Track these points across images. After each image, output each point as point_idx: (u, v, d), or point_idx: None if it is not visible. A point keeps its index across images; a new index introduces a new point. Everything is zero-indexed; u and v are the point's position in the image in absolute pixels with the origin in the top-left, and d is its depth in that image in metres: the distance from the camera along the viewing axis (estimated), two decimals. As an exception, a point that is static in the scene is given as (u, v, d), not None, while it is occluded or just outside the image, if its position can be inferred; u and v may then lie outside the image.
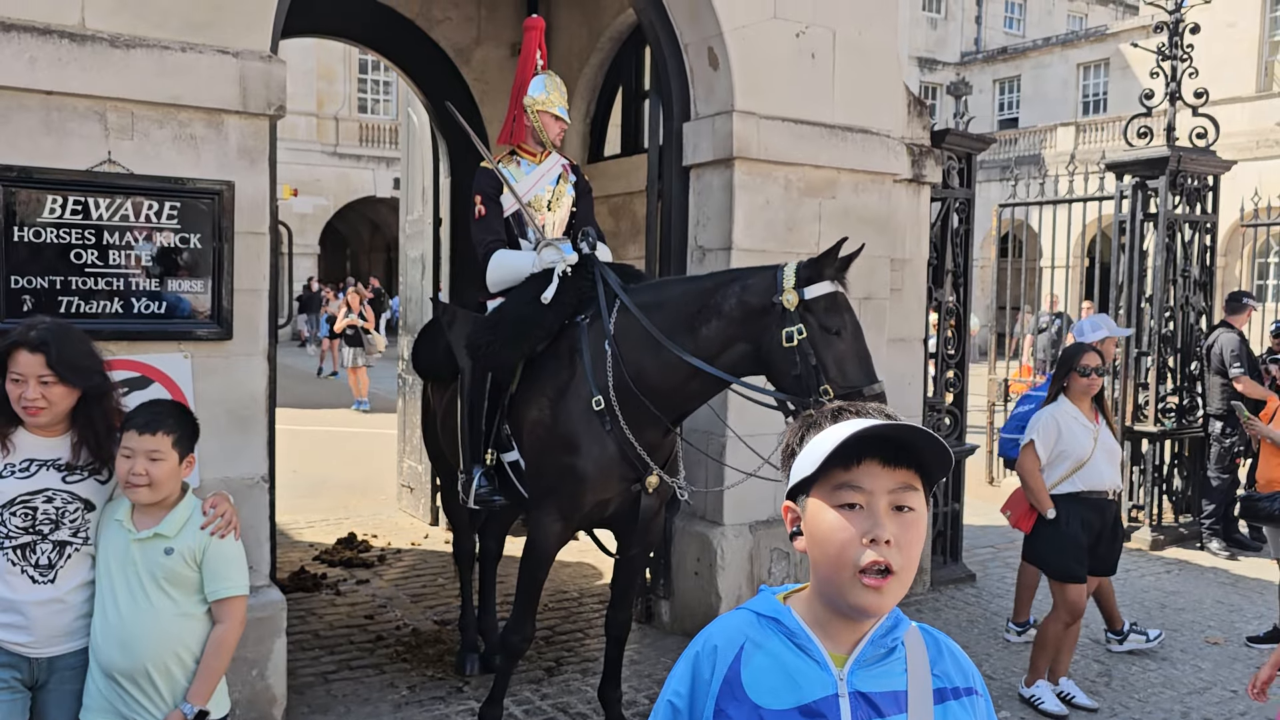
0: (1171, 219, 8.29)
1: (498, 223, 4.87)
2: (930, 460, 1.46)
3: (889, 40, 6.21)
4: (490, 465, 4.67)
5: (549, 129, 4.93)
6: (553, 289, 4.40)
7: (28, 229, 3.84)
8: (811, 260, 3.95)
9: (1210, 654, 5.86)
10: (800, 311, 3.87)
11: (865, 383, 3.89)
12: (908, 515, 1.43)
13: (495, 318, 4.64)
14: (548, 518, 4.37)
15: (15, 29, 3.77)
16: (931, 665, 1.51)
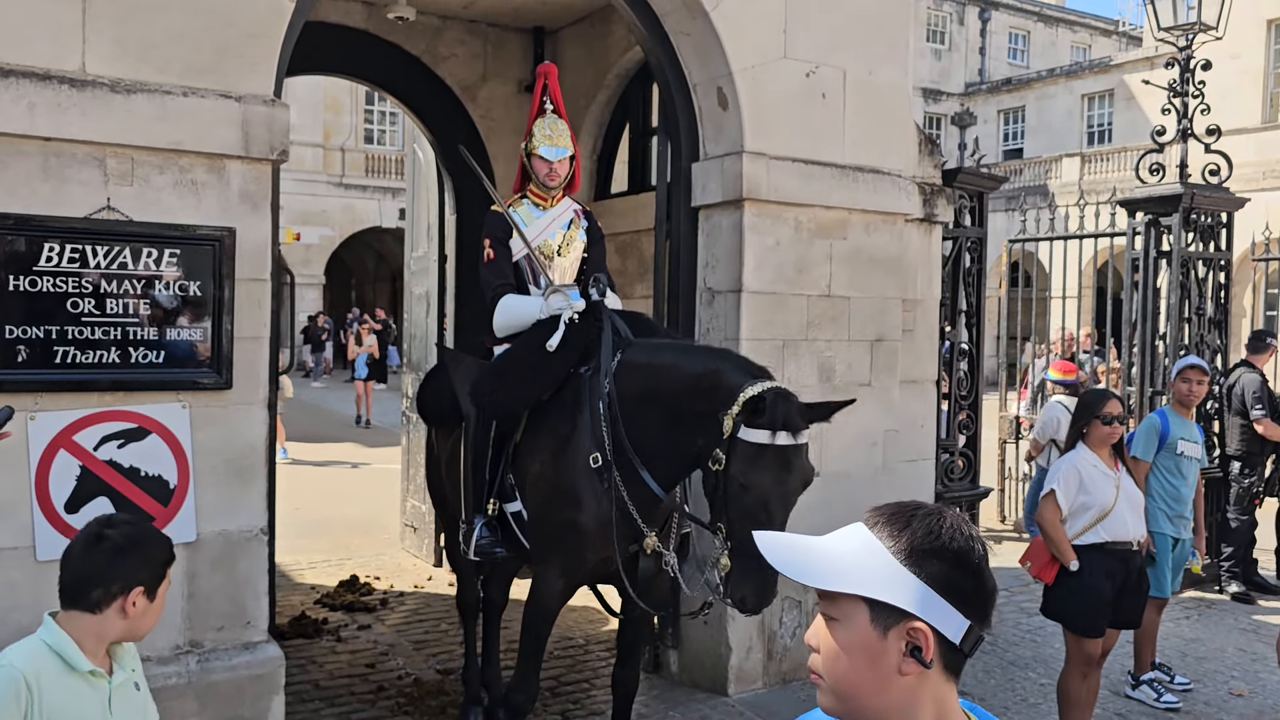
0: (1185, 256, 8.19)
1: (506, 266, 4.79)
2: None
3: (900, 80, 6.14)
4: (492, 515, 4.57)
5: (537, 171, 4.87)
6: (558, 337, 4.30)
7: (24, 278, 3.75)
8: (774, 398, 3.58)
9: (1235, 707, 5.70)
10: (729, 441, 3.61)
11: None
12: (825, 622, 1.39)
13: (499, 365, 4.55)
14: (551, 573, 4.26)
15: (14, 74, 3.69)
16: None
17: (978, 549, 1.36)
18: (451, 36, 7.92)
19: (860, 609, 1.34)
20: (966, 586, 1.34)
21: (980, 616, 1.35)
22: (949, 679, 1.36)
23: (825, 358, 5.81)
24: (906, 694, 1.34)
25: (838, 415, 5.84)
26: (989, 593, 1.36)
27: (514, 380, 4.36)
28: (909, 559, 1.33)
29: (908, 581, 1.32)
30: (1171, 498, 5.77)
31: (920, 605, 1.32)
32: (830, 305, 5.82)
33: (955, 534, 1.35)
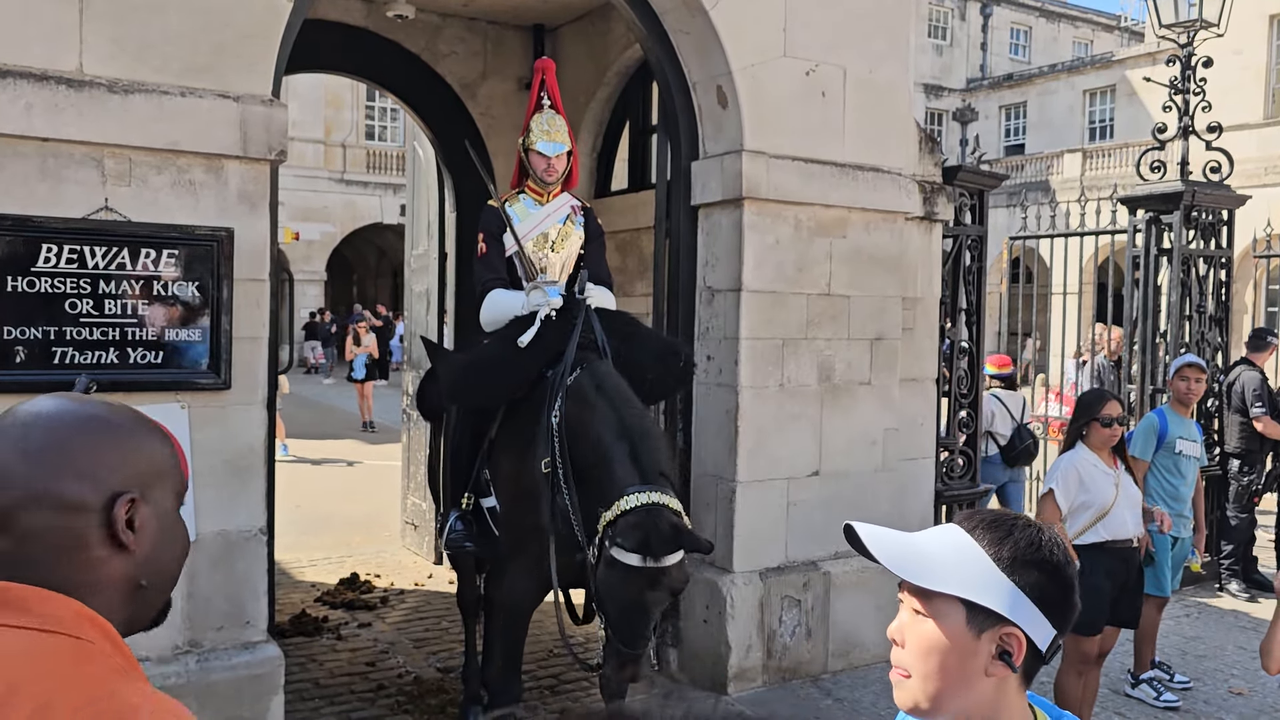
0: (1186, 254, 8.18)
1: (498, 261, 4.79)
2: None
3: (900, 78, 6.13)
4: (467, 509, 4.59)
5: (535, 166, 4.86)
6: (530, 333, 4.27)
7: (22, 278, 3.75)
8: (645, 519, 3.53)
9: (1235, 706, 5.70)
10: (599, 546, 3.64)
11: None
12: (915, 618, 1.44)
13: (471, 359, 4.58)
14: (518, 573, 4.27)
15: (11, 75, 3.69)
16: None
17: (1072, 567, 1.42)
18: (451, 34, 7.91)
19: (957, 609, 1.39)
20: (1058, 598, 1.39)
21: (1063, 626, 1.42)
22: (1024, 683, 1.43)
23: (825, 356, 5.80)
24: (989, 695, 1.40)
25: (837, 415, 5.88)
26: (1075, 606, 1.43)
27: (483, 375, 4.38)
28: (1010, 567, 1.38)
29: (1006, 588, 1.37)
30: (1170, 496, 5.76)
31: (1016, 612, 1.37)
32: (830, 304, 5.82)
33: (1054, 548, 1.41)
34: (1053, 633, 1.40)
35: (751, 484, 5.56)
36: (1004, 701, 1.41)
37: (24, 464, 1.14)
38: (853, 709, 5.42)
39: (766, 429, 5.58)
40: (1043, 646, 1.39)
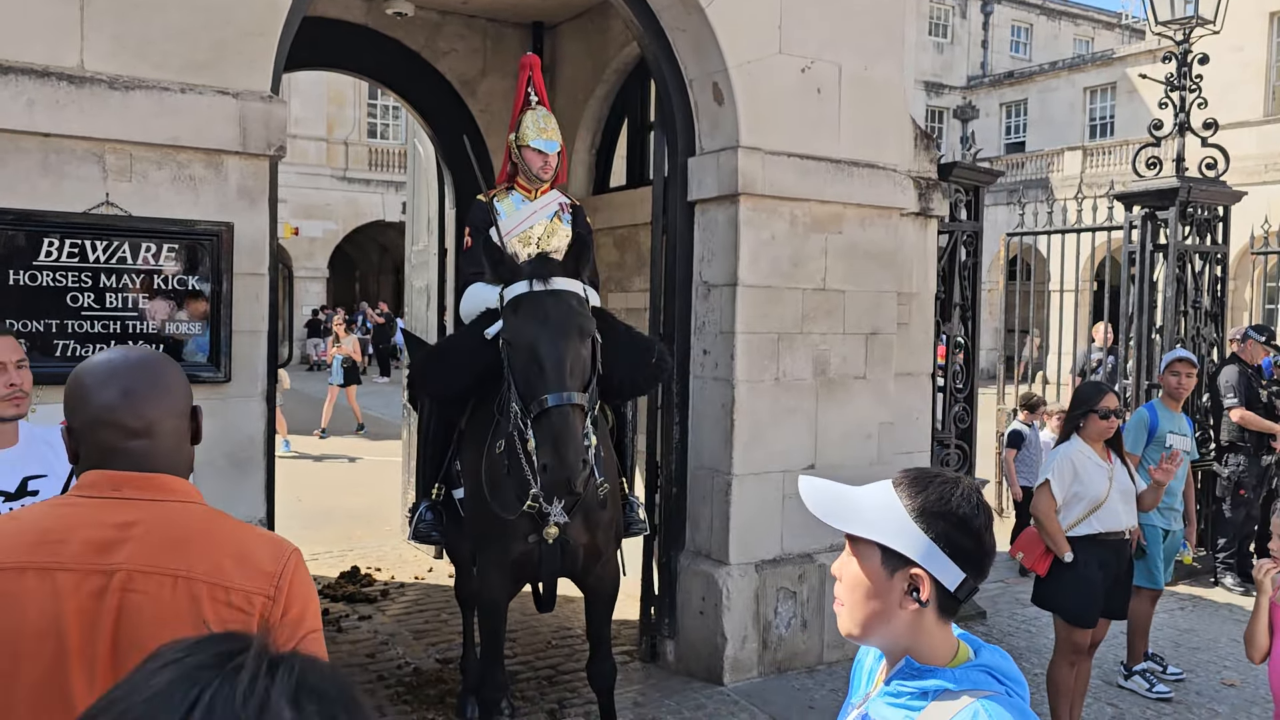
0: (1182, 250, 8.22)
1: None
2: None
3: (896, 74, 6.18)
4: (437, 500, 4.65)
5: (531, 164, 4.89)
6: (497, 326, 4.29)
7: (24, 272, 3.80)
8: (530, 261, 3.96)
9: (1227, 697, 5.75)
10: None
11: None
12: (848, 557, 1.66)
13: (437, 350, 4.65)
14: (487, 565, 4.32)
15: (13, 71, 3.74)
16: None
17: (981, 517, 1.61)
18: (451, 31, 7.96)
19: (875, 552, 1.61)
20: (966, 546, 1.59)
21: (975, 571, 1.61)
22: (944, 618, 1.63)
23: (820, 351, 5.85)
24: (905, 624, 1.61)
25: (833, 409, 5.92)
26: (986, 553, 1.62)
27: (448, 365, 4.45)
28: (919, 516, 1.59)
29: (916, 535, 1.58)
30: None
31: (922, 556, 1.58)
32: (825, 299, 5.86)
33: (963, 502, 1.60)
34: (961, 575, 1.59)
35: (747, 477, 5.61)
36: (919, 631, 1.61)
37: (152, 389, 1.70)
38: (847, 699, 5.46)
39: (762, 422, 5.63)
40: (951, 587, 1.59)
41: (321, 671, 0.87)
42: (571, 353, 3.70)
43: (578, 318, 3.77)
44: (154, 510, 1.64)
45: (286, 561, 1.67)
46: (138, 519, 1.62)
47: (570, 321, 3.73)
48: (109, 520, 1.61)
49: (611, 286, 7.48)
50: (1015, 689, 1.60)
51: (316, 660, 0.89)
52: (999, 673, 1.59)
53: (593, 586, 4.49)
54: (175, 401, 1.74)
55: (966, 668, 1.58)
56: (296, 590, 1.65)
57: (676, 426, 5.87)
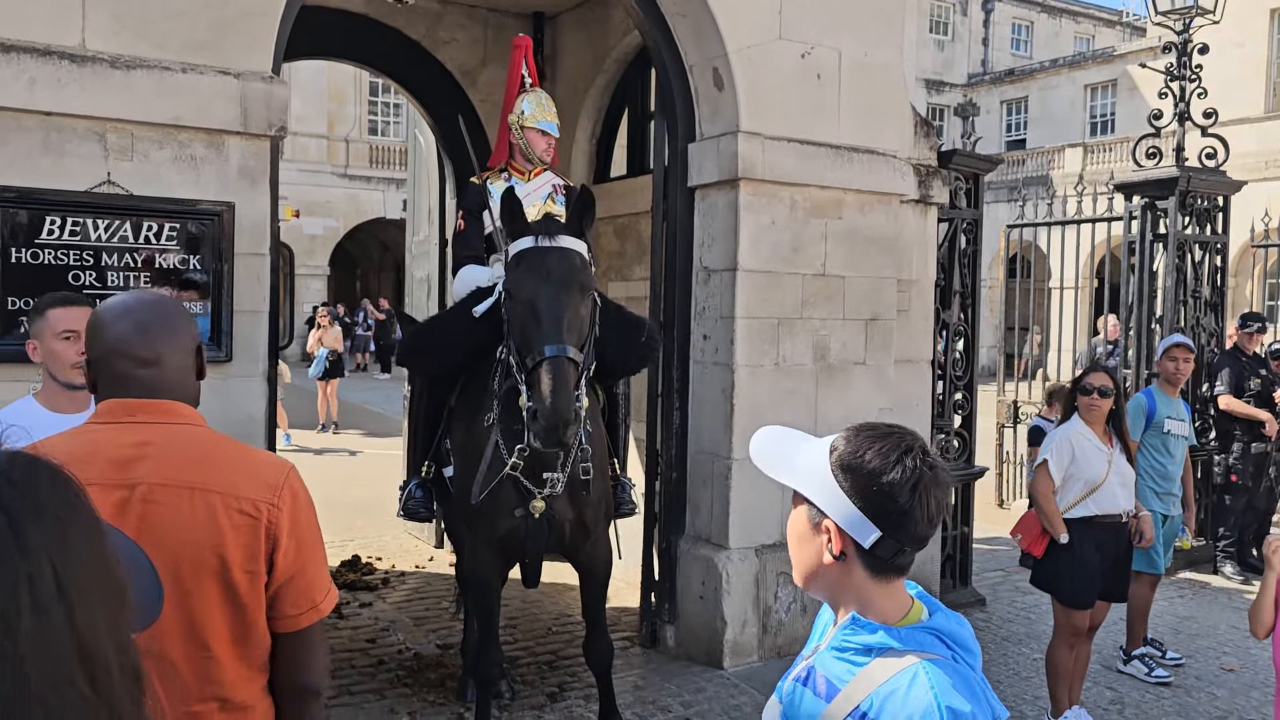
0: (1181, 239, 8.23)
1: (476, 238, 4.85)
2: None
3: (895, 61, 6.19)
4: (427, 477, 4.67)
5: (535, 145, 4.90)
6: (487, 304, 4.32)
7: (25, 250, 3.82)
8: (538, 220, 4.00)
9: (1226, 681, 5.76)
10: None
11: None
12: (793, 509, 1.65)
13: (425, 328, 4.67)
14: (477, 543, 4.34)
15: (15, 50, 3.76)
16: (873, 692, 1.51)
17: (903, 474, 1.53)
18: (451, 21, 7.97)
19: (804, 503, 1.61)
20: (881, 502, 1.53)
21: (895, 530, 1.54)
22: (883, 576, 1.58)
23: (820, 336, 5.86)
24: (834, 576, 1.59)
25: (832, 394, 5.93)
26: (905, 512, 1.53)
27: (435, 343, 4.49)
28: (837, 469, 1.56)
29: (831, 487, 1.56)
30: (1160, 475, 5.82)
31: (833, 509, 1.56)
32: (825, 284, 5.87)
33: (882, 457, 1.54)
34: (877, 533, 1.54)
35: (747, 461, 5.57)
36: (852, 586, 1.58)
37: (162, 326, 1.91)
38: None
39: (762, 406, 5.64)
40: (865, 544, 1.54)
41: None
42: (571, 308, 3.71)
43: (579, 274, 3.78)
44: (166, 432, 1.85)
45: (287, 474, 1.93)
46: (152, 439, 1.82)
47: (572, 278, 3.74)
48: (127, 441, 1.81)
49: (612, 275, 7.49)
50: (964, 656, 1.57)
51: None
52: (949, 637, 1.56)
53: (584, 564, 4.49)
54: (182, 339, 1.94)
55: (914, 628, 1.55)
56: (300, 501, 1.91)
57: (676, 411, 5.88)
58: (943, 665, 1.50)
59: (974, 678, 1.54)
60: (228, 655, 1.83)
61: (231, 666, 1.83)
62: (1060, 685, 4.90)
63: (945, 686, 1.46)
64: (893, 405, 6.25)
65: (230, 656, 1.83)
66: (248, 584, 1.81)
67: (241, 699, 1.86)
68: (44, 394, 3.03)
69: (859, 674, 1.53)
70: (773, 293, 5.67)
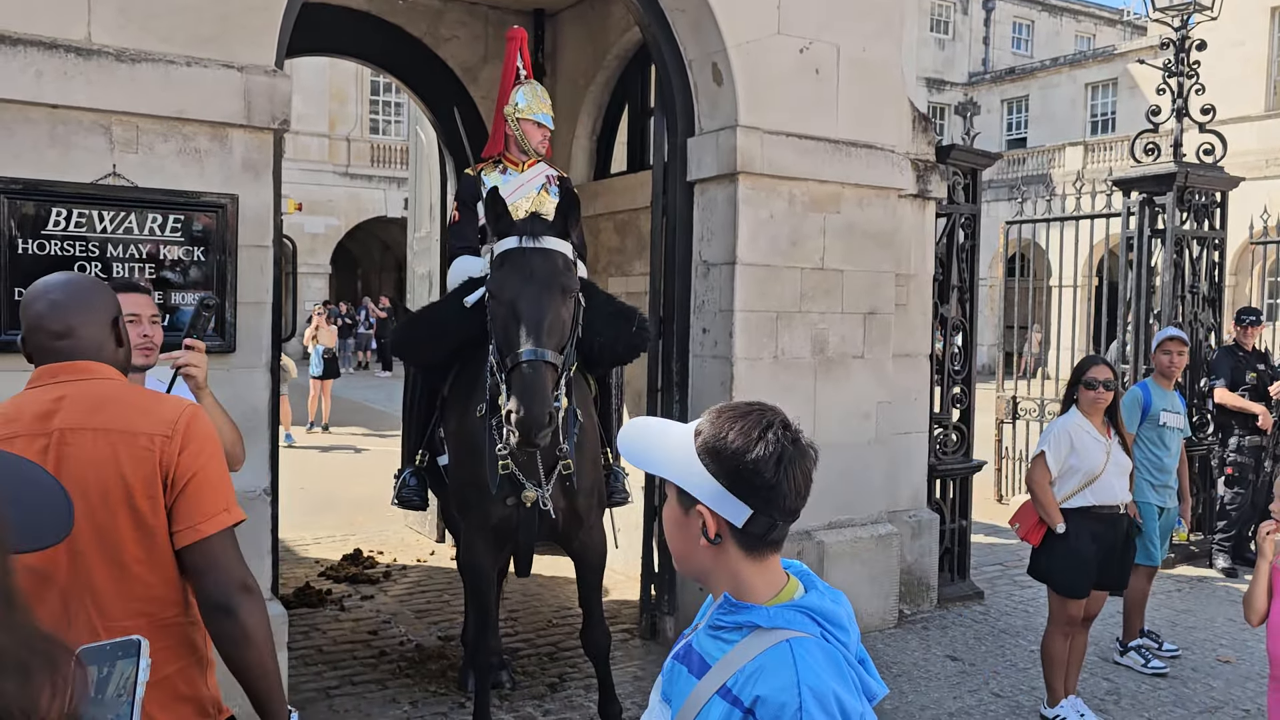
0: (1179, 235, 8.26)
1: (469, 229, 4.89)
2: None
3: (893, 56, 6.23)
4: (421, 466, 4.71)
5: (531, 136, 4.94)
6: (478, 294, 4.35)
7: (32, 241, 3.86)
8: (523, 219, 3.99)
9: (1222, 672, 5.80)
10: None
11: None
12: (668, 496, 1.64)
13: (417, 318, 4.72)
14: (471, 532, 4.37)
15: (21, 43, 3.80)
16: (743, 666, 1.53)
17: (762, 450, 1.54)
18: (453, 18, 8.01)
19: (674, 489, 1.61)
20: (748, 480, 1.54)
21: (765, 506, 1.55)
22: (758, 554, 1.59)
23: (819, 330, 5.90)
24: (708, 560, 1.60)
25: (831, 387, 5.97)
26: (771, 486, 1.54)
27: (427, 332, 4.53)
28: (702, 452, 1.56)
29: (699, 472, 1.56)
30: (1155, 468, 5.85)
31: (704, 493, 1.56)
32: (824, 278, 5.91)
33: (743, 435, 1.55)
34: (748, 512, 1.55)
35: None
36: (723, 565, 1.59)
37: (74, 302, 2.14)
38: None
39: (761, 400, 5.66)
40: (738, 524, 1.55)
41: None
42: (551, 311, 3.73)
43: (561, 277, 3.80)
44: (79, 386, 2.11)
45: (184, 412, 2.15)
46: (66, 394, 2.09)
47: (554, 280, 3.77)
48: (47, 398, 2.09)
49: (612, 270, 7.53)
50: (836, 634, 1.56)
51: None
52: (821, 615, 1.56)
53: (578, 553, 4.51)
54: (95, 313, 2.18)
55: (783, 607, 1.56)
56: (193, 431, 2.13)
57: (676, 405, 5.92)
58: (809, 643, 1.50)
59: (842, 655, 1.54)
60: (144, 573, 2.09)
61: (150, 584, 2.11)
62: (1055, 675, 4.94)
63: (808, 664, 1.47)
64: (891, 399, 6.30)
65: (147, 575, 2.10)
66: (149, 508, 2.08)
67: (167, 616, 2.13)
68: None
69: (729, 652, 1.55)
70: (771, 286, 5.71)
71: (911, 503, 6.74)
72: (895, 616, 6.29)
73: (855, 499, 6.08)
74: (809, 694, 1.44)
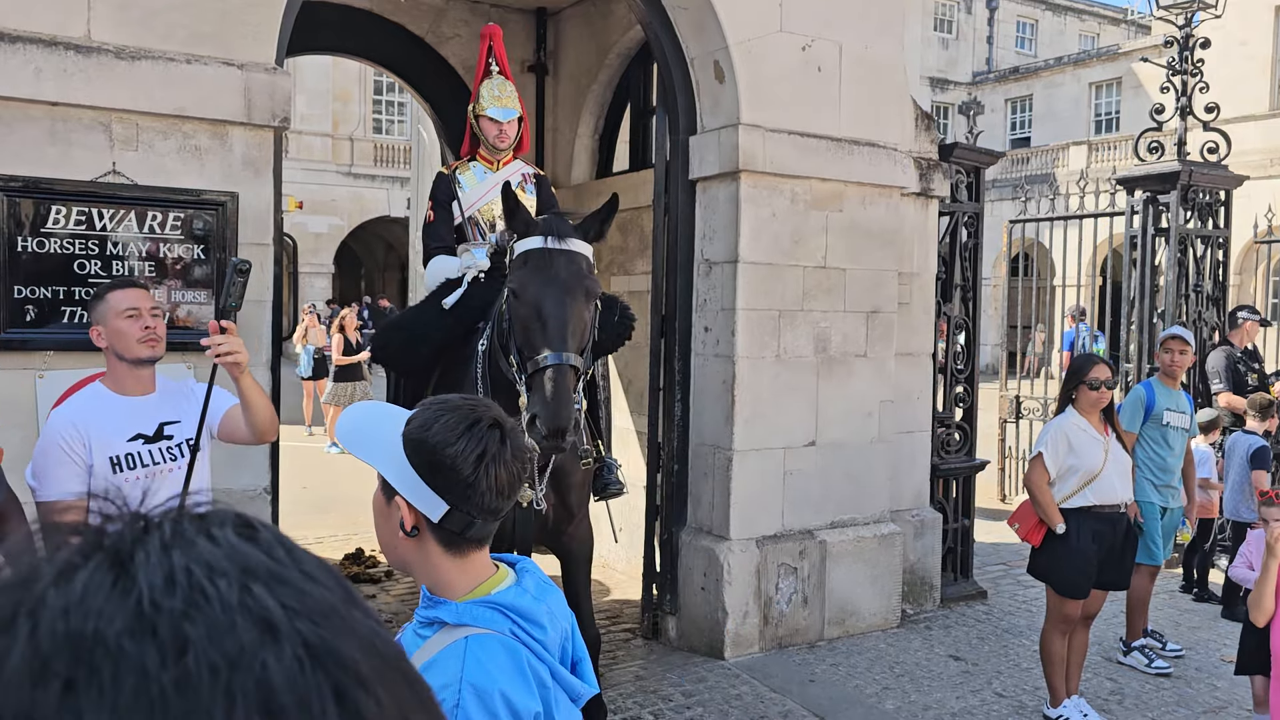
0: (1183, 234, 8.24)
1: (445, 229, 4.88)
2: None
3: (895, 54, 6.21)
4: None
5: (487, 132, 4.91)
6: (456, 295, 4.35)
7: (32, 239, 3.85)
8: (546, 218, 3.90)
9: (1225, 672, 5.76)
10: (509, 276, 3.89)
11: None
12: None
13: (396, 321, 4.70)
14: None
15: (21, 40, 3.79)
16: (425, 663, 1.51)
17: (463, 446, 1.54)
18: (455, 17, 8.00)
19: (380, 476, 1.61)
20: (446, 475, 1.54)
21: (462, 502, 1.55)
22: (459, 550, 1.59)
23: (821, 328, 5.88)
24: (411, 552, 1.60)
25: (833, 386, 5.95)
26: (469, 484, 1.54)
27: (405, 335, 4.53)
28: (406, 443, 1.57)
29: (400, 462, 1.56)
30: (1158, 468, 5.82)
31: (401, 484, 1.56)
32: (826, 276, 5.90)
33: (446, 430, 1.55)
34: (445, 507, 1.54)
35: (748, 453, 5.65)
36: (424, 559, 1.59)
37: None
38: (848, 674, 5.50)
39: (763, 398, 5.66)
40: (434, 518, 1.55)
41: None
42: (575, 314, 3.71)
43: (585, 280, 3.78)
44: None
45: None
46: None
47: (578, 283, 3.74)
48: None
49: (614, 270, 7.52)
50: (530, 631, 1.54)
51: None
52: (514, 611, 1.54)
53: (566, 546, 4.41)
54: None
55: (473, 603, 1.54)
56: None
57: (678, 404, 5.91)
58: (488, 640, 1.49)
59: (525, 654, 1.51)
60: None
61: None
62: (1056, 674, 4.92)
63: (477, 661, 1.45)
64: (894, 397, 6.28)
65: None
66: None
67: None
68: (110, 378, 3.14)
69: (421, 648, 1.54)
70: (773, 285, 5.70)
71: (914, 502, 6.72)
72: (898, 616, 6.28)
73: (858, 498, 6.06)
74: (469, 690, 1.42)
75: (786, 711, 5.02)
